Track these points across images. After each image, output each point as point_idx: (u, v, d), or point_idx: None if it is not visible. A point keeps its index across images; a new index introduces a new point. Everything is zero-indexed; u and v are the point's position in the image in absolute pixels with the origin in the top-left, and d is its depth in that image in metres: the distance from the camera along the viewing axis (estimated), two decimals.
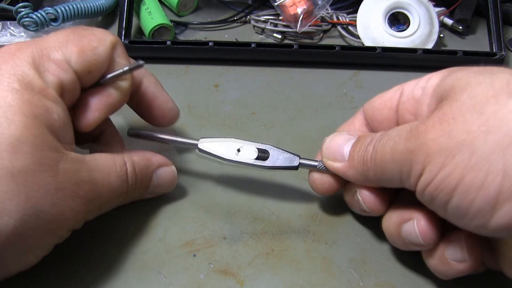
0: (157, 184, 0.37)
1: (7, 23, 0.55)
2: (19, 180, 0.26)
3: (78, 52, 0.31)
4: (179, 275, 0.34)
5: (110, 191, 0.32)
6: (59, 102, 0.29)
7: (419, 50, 0.53)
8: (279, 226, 0.38)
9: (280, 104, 0.49)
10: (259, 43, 0.52)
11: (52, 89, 0.29)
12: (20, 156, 0.26)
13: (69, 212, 0.29)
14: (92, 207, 0.32)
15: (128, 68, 0.33)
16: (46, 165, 0.27)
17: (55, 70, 0.30)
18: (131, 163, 0.34)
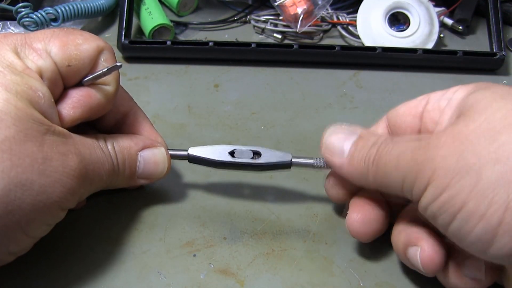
0: (144, 166, 0.36)
1: (7, 23, 0.55)
2: (4, 148, 0.26)
3: (60, 44, 0.32)
4: (179, 275, 0.34)
5: (98, 165, 0.32)
6: (42, 82, 0.30)
7: (419, 50, 0.53)
8: (279, 226, 0.38)
9: (280, 104, 0.49)
10: (259, 43, 0.52)
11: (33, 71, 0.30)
12: (3, 126, 0.27)
13: (59, 185, 0.29)
14: (84, 182, 0.31)
15: (107, 68, 0.33)
16: (30, 136, 0.28)
17: (35, 57, 0.31)
18: (111, 142, 0.34)
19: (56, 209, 0.30)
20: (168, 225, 0.37)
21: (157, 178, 0.37)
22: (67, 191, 0.30)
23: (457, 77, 0.53)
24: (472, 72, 0.54)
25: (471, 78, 0.53)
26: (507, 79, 0.54)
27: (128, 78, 0.51)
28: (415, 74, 0.53)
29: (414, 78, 0.53)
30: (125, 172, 0.35)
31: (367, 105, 0.49)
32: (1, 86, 0.28)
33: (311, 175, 0.41)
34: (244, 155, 0.36)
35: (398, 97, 0.51)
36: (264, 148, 0.36)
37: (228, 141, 0.44)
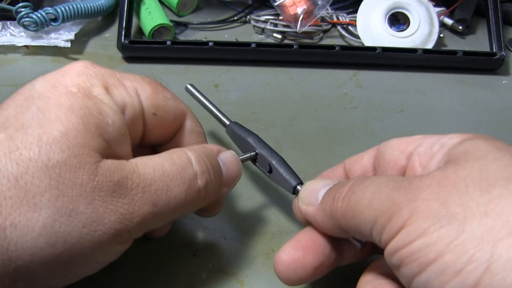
0: (226, 171, 0.32)
1: (7, 23, 0.55)
2: (53, 174, 0.25)
3: (151, 91, 0.31)
4: (179, 275, 0.34)
5: (167, 182, 0.28)
6: (117, 112, 0.28)
7: (419, 50, 0.53)
8: (279, 226, 0.38)
9: (280, 104, 0.49)
10: (259, 43, 0.52)
11: (113, 101, 0.28)
12: (58, 150, 0.25)
13: (109, 215, 0.26)
14: (144, 208, 0.27)
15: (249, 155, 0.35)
16: (83, 163, 0.26)
17: (123, 91, 0.29)
18: (192, 149, 0.30)
19: (109, 243, 0.26)
20: None
21: (237, 181, 0.34)
22: (121, 221, 0.26)
23: (457, 77, 0.53)
24: (472, 72, 0.54)
25: (471, 78, 0.53)
26: (507, 79, 0.54)
27: None
28: (415, 74, 0.53)
29: (414, 78, 0.53)
30: (213, 181, 0.31)
31: (367, 105, 0.49)
32: (69, 108, 0.26)
33: (312, 175, 0.41)
34: (262, 164, 0.36)
35: (398, 97, 0.51)
36: (280, 163, 0.35)
37: (228, 141, 0.44)
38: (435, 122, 0.48)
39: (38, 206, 0.24)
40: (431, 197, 0.24)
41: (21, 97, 0.27)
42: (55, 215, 0.24)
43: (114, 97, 0.29)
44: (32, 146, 0.25)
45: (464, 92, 0.52)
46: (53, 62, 0.53)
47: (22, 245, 0.24)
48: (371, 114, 0.48)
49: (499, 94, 0.52)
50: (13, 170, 0.24)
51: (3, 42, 0.53)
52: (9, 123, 0.26)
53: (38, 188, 0.24)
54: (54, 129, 0.25)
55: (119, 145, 0.28)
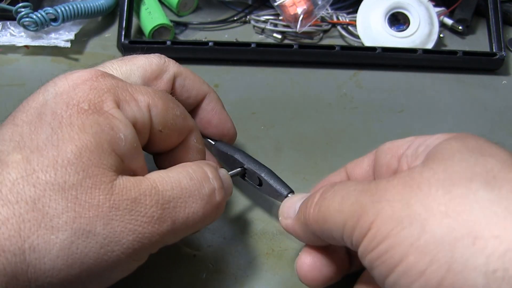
0: (226, 186, 0.32)
1: (7, 23, 0.55)
2: (70, 197, 0.25)
3: (162, 107, 0.30)
4: (179, 275, 0.34)
5: (186, 199, 0.28)
6: (128, 126, 0.28)
7: (419, 50, 0.53)
8: (279, 226, 0.38)
9: (280, 104, 0.49)
10: (259, 43, 0.52)
11: (125, 116, 0.28)
12: (73, 172, 0.25)
13: (128, 236, 0.26)
14: (163, 225, 0.27)
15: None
16: (99, 183, 0.26)
17: (135, 106, 0.29)
18: (207, 163, 0.31)
19: (126, 262, 0.27)
20: None
21: (229, 196, 0.34)
22: (139, 240, 0.26)
23: (457, 77, 0.53)
24: (472, 72, 0.54)
25: (471, 78, 0.53)
26: (507, 79, 0.54)
27: None
28: (415, 74, 0.53)
29: (414, 78, 0.53)
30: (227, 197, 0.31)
31: (367, 105, 0.49)
32: (80, 127, 0.26)
33: (312, 175, 0.41)
34: (252, 178, 0.36)
35: (398, 97, 0.51)
36: (269, 175, 0.35)
37: None
38: (435, 122, 0.48)
39: (56, 228, 0.24)
40: (395, 197, 0.24)
41: (34, 112, 0.27)
42: (72, 237, 0.25)
43: (125, 112, 0.28)
44: (48, 169, 0.25)
45: (464, 92, 0.52)
46: (53, 62, 0.53)
47: (41, 267, 0.24)
48: (371, 114, 0.48)
49: (499, 94, 0.52)
50: (31, 193, 0.24)
51: (3, 42, 0.53)
52: (24, 143, 0.26)
53: (55, 210, 0.25)
54: (68, 151, 0.25)
55: (133, 159, 0.28)
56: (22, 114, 0.27)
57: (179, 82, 0.35)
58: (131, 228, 0.26)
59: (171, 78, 0.34)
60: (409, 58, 0.53)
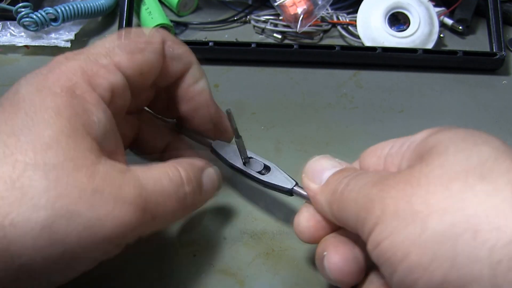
0: (205, 188, 0.33)
1: (7, 23, 0.55)
2: (51, 176, 0.25)
3: (128, 56, 0.30)
4: (179, 275, 0.34)
5: (165, 198, 0.29)
6: (100, 106, 0.29)
7: (419, 50, 0.53)
8: (279, 226, 0.38)
9: (280, 104, 0.49)
10: (259, 43, 0.52)
11: (102, 91, 0.29)
12: (52, 154, 0.25)
13: (111, 219, 0.26)
14: (144, 217, 0.28)
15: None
16: (80, 165, 0.26)
17: (105, 73, 0.29)
18: (183, 167, 0.31)
19: (107, 244, 0.27)
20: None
21: (212, 196, 0.35)
22: (120, 226, 0.27)
23: (457, 77, 0.53)
24: (472, 72, 0.54)
25: (471, 78, 0.53)
26: (507, 79, 0.54)
27: None
28: (415, 74, 0.53)
29: (414, 78, 0.53)
30: (196, 199, 0.32)
31: (367, 105, 0.49)
32: (55, 110, 0.26)
33: None
34: (255, 167, 0.36)
35: (398, 97, 0.51)
36: (276, 167, 0.35)
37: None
38: (435, 122, 0.48)
39: (37, 207, 0.24)
40: (399, 195, 0.24)
41: (7, 102, 0.28)
42: (55, 216, 0.25)
43: (100, 87, 0.29)
44: (27, 152, 0.25)
45: (464, 92, 0.52)
46: None
47: (22, 245, 0.24)
48: (371, 114, 0.48)
49: (499, 94, 0.52)
50: (9, 172, 0.25)
51: (3, 42, 0.53)
52: (0, 129, 0.26)
53: (36, 189, 0.25)
54: (45, 135, 0.26)
55: (108, 141, 0.29)
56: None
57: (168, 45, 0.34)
58: (115, 214, 0.26)
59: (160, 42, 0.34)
60: (409, 58, 0.53)
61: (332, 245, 0.30)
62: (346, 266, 0.29)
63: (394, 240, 0.24)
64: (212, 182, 0.34)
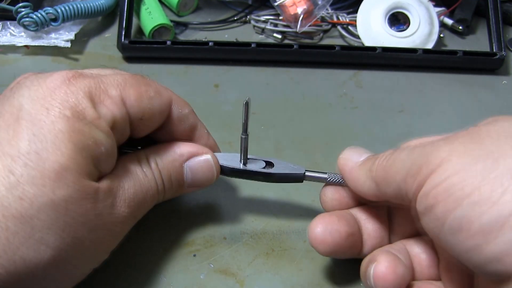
0: (191, 177, 0.34)
1: (7, 23, 0.55)
2: (60, 209, 0.25)
3: (135, 96, 0.30)
4: (179, 275, 0.34)
5: (143, 195, 0.31)
6: (109, 135, 0.29)
7: (419, 50, 0.53)
8: (279, 226, 0.38)
9: (280, 104, 0.49)
10: (259, 43, 0.52)
11: (105, 121, 0.29)
12: (63, 184, 0.25)
13: (109, 236, 0.29)
14: (131, 221, 0.31)
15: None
16: (86, 194, 0.27)
17: (110, 104, 0.29)
18: (154, 159, 0.32)
19: (104, 255, 0.30)
20: (168, 225, 0.37)
21: (207, 185, 0.35)
22: (115, 238, 0.30)
23: (457, 77, 0.53)
24: (472, 72, 0.54)
25: (471, 78, 0.53)
26: (507, 79, 0.54)
27: None
28: (415, 74, 0.53)
29: (414, 78, 0.53)
30: (172, 188, 0.34)
31: (367, 105, 0.49)
32: (68, 138, 0.26)
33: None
34: (256, 165, 0.35)
35: (398, 97, 0.51)
36: (277, 159, 0.35)
37: (228, 141, 0.44)
38: (435, 122, 0.48)
39: (46, 239, 0.25)
40: (467, 140, 0.26)
41: (10, 117, 0.26)
42: (63, 246, 0.26)
43: (103, 114, 0.29)
44: (34, 180, 0.25)
45: (464, 92, 0.52)
46: (53, 62, 0.53)
47: (34, 278, 0.25)
48: (371, 114, 0.48)
49: (499, 94, 0.52)
50: (17, 206, 0.24)
51: (3, 42, 0.53)
52: (3, 149, 0.25)
53: (45, 223, 0.25)
54: (55, 161, 0.25)
55: (108, 165, 0.29)
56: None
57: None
58: (111, 230, 0.29)
59: None
60: (409, 58, 0.53)
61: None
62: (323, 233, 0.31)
63: (463, 176, 0.24)
64: (202, 169, 0.34)
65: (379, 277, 0.29)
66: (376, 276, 0.29)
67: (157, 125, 0.33)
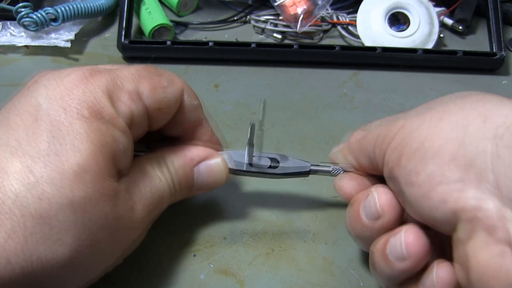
0: (201, 181, 0.34)
1: (7, 23, 0.55)
2: (78, 210, 0.25)
3: (150, 87, 0.30)
4: (179, 275, 0.34)
5: (158, 198, 0.31)
6: (127, 133, 0.29)
7: (419, 50, 0.53)
8: (279, 226, 0.38)
9: (280, 104, 0.49)
10: (259, 43, 0.52)
11: (122, 119, 0.29)
12: (82, 185, 0.25)
13: (126, 241, 0.29)
14: (146, 225, 0.31)
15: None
16: (106, 195, 0.26)
17: (128, 100, 0.29)
18: (165, 164, 0.33)
19: (119, 261, 0.30)
20: (168, 225, 0.37)
21: (216, 188, 0.36)
22: (132, 242, 0.30)
23: (457, 77, 0.53)
24: (472, 72, 0.54)
25: (471, 78, 0.53)
26: (507, 79, 0.54)
27: None
28: (415, 74, 0.53)
29: (414, 78, 0.53)
30: (182, 191, 0.34)
31: (367, 105, 0.49)
32: (87, 138, 0.26)
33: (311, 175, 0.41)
34: (262, 162, 0.35)
35: (398, 97, 0.51)
36: (282, 155, 0.36)
37: (228, 141, 0.44)
38: None
39: (63, 240, 0.25)
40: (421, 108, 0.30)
41: (28, 116, 0.26)
42: (80, 247, 0.26)
43: (121, 111, 0.29)
44: (54, 181, 0.25)
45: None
46: (53, 62, 0.53)
47: (50, 278, 0.25)
48: (371, 114, 0.48)
49: (499, 94, 0.51)
50: (36, 206, 0.24)
51: (3, 42, 0.53)
52: (23, 149, 0.25)
53: (64, 223, 0.25)
54: (74, 163, 0.25)
55: (125, 164, 0.29)
56: (16, 117, 0.27)
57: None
58: (129, 234, 0.29)
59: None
60: (409, 58, 0.53)
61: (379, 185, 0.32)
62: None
63: (413, 134, 0.27)
64: (212, 173, 0.34)
65: (410, 242, 0.28)
66: (407, 242, 0.28)
67: (172, 114, 0.33)
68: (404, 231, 0.29)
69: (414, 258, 0.28)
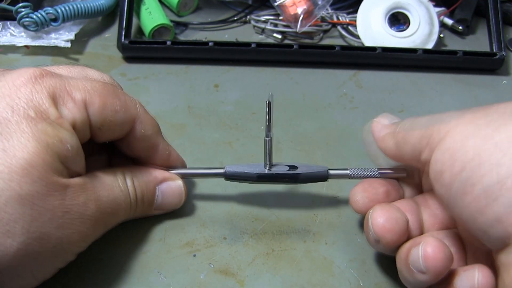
0: (161, 199, 0.36)
1: (7, 23, 0.55)
2: (26, 203, 0.26)
3: (100, 104, 0.31)
4: (179, 275, 0.34)
5: (115, 206, 0.32)
6: (73, 134, 0.29)
7: (419, 50, 0.53)
8: (279, 226, 0.38)
9: (280, 104, 0.49)
10: (259, 43, 0.52)
11: (66, 121, 0.29)
12: (29, 179, 0.26)
13: (75, 235, 0.29)
14: (99, 226, 0.31)
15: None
16: (53, 190, 0.27)
17: (73, 108, 0.30)
18: (130, 177, 0.34)
19: (70, 255, 0.30)
20: (168, 225, 0.37)
21: (173, 209, 0.37)
22: (82, 239, 0.30)
23: (457, 77, 0.53)
24: (472, 72, 0.54)
25: (471, 78, 0.53)
26: (507, 79, 0.54)
27: (128, 78, 0.51)
28: (415, 74, 0.53)
29: (414, 78, 0.53)
30: (143, 206, 0.35)
31: (367, 105, 0.49)
32: (33, 136, 0.27)
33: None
34: (280, 169, 0.36)
35: (398, 97, 0.51)
36: (299, 163, 0.36)
37: (228, 141, 0.44)
38: None
39: (12, 232, 0.26)
40: (476, 113, 0.28)
41: None
42: (29, 239, 0.26)
43: (64, 115, 0.29)
44: (2, 176, 0.26)
45: (464, 92, 0.52)
46: (53, 62, 0.53)
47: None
48: (371, 114, 0.48)
49: (499, 94, 0.52)
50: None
51: (3, 42, 0.53)
52: None
53: (12, 215, 0.26)
54: (21, 159, 0.26)
55: (76, 163, 0.30)
56: None
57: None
58: (80, 230, 0.29)
59: None
60: (409, 58, 0.53)
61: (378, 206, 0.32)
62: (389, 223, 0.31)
63: (467, 142, 0.26)
64: (172, 194, 0.36)
65: (429, 257, 0.28)
66: (426, 256, 0.28)
67: (116, 137, 0.34)
68: (423, 243, 0.29)
69: (433, 272, 0.28)
